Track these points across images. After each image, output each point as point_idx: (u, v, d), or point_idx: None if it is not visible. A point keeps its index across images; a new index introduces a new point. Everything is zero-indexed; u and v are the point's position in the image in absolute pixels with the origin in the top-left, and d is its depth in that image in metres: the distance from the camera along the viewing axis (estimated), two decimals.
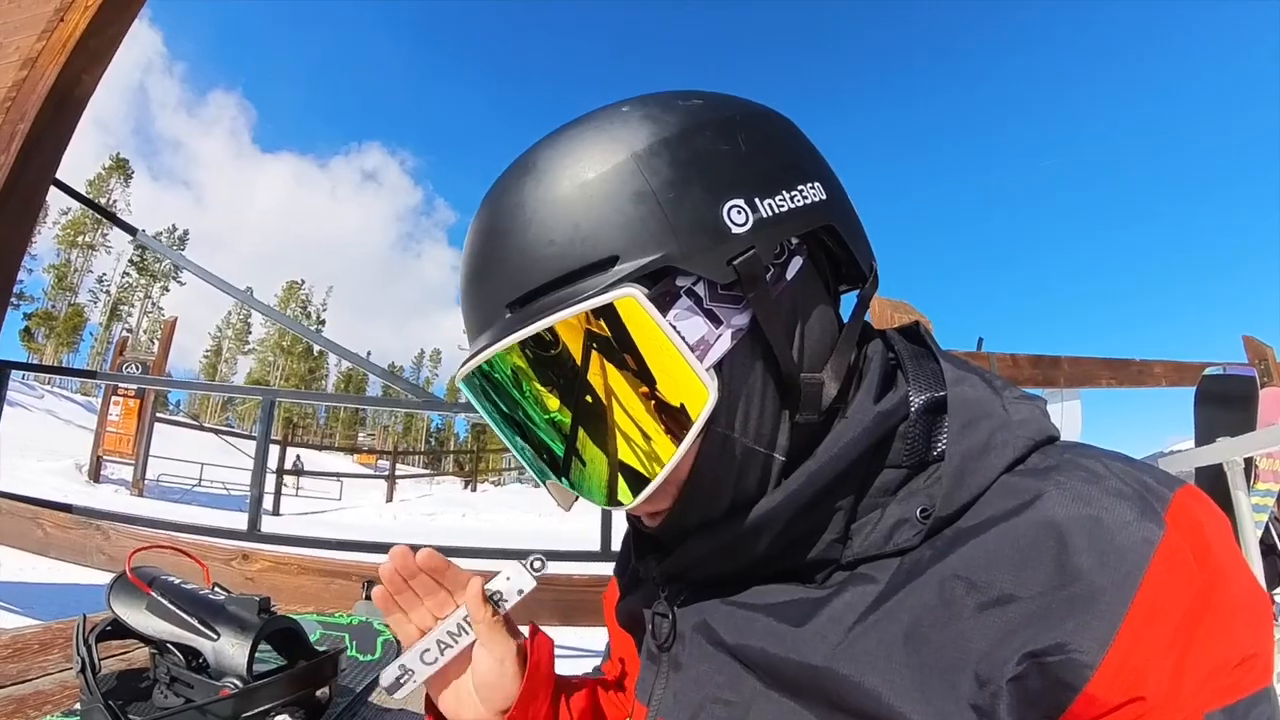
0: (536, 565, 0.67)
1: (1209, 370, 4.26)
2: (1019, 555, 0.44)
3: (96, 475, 14.04)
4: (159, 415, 16.28)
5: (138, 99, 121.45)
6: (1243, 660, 0.40)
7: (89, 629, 0.93)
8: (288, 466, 20.29)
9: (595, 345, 0.50)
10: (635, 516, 0.61)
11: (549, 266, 0.51)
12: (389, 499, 19.34)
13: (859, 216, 0.61)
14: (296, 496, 18.35)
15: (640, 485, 0.52)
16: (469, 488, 24.44)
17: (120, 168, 63.95)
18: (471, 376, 0.57)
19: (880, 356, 0.57)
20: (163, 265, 66.88)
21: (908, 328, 0.63)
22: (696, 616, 0.58)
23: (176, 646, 0.93)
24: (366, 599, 2.07)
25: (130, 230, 4.81)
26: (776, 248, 0.53)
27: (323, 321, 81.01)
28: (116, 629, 0.97)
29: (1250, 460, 2.91)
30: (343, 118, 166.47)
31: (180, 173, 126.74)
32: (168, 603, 0.95)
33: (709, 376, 0.50)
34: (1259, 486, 3.42)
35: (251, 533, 3.69)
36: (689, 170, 0.51)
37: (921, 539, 0.49)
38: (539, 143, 0.56)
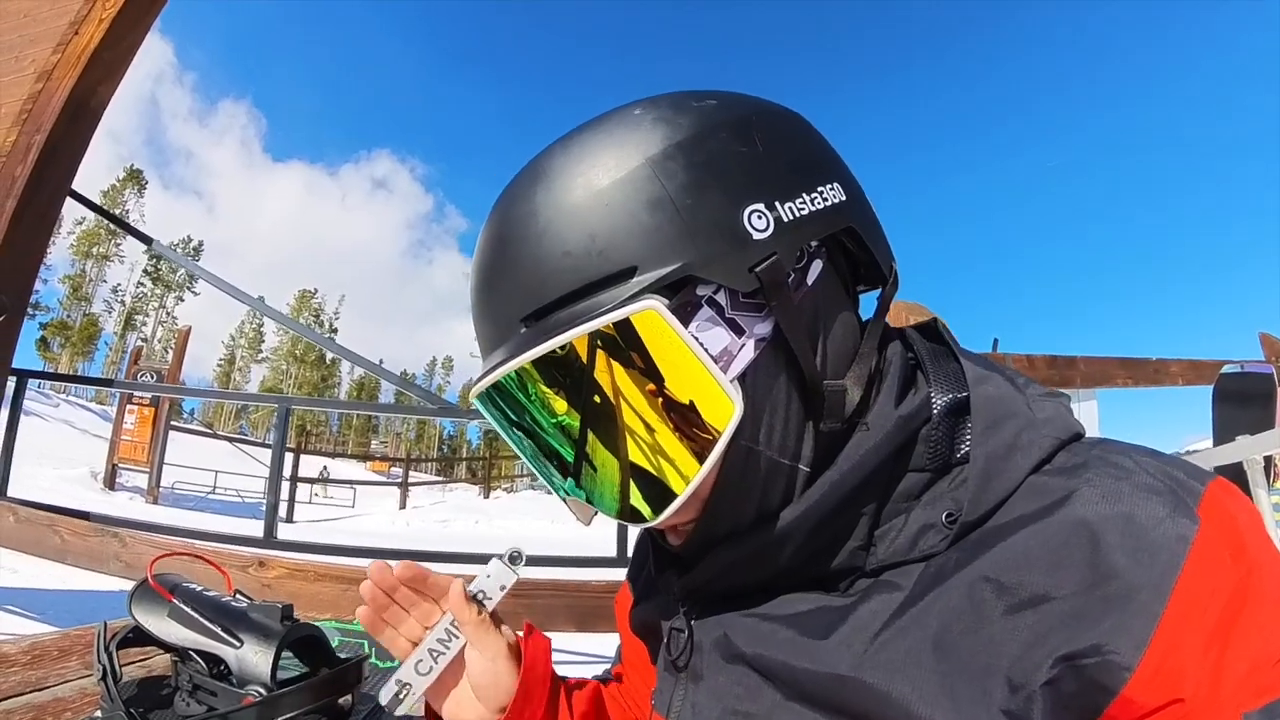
0: (515, 558, 0.67)
1: (1226, 368, 4.22)
2: (1050, 556, 0.43)
3: (111, 483, 14.13)
4: (173, 423, 16.39)
5: (149, 110, 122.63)
6: None
7: (109, 636, 0.93)
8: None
9: (616, 360, 0.49)
10: (659, 532, 0.60)
11: (565, 279, 0.50)
12: (402, 506, 19.40)
13: (877, 216, 0.59)
14: (311, 504, 18.42)
15: (664, 502, 0.51)
16: (482, 494, 24.44)
17: (134, 178, 64.56)
18: (487, 393, 0.56)
19: (900, 358, 0.56)
20: (177, 275, 67.46)
21: (926, 326, 0.62)
22: (716, 629, 0.57)
23: (199, 654, 0.93)
24: None
25: (146, 240, 4.86)
26: (798, 252, 0.52)
27: (335, 330, 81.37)
28: (138, 636, 0.98)
29: (1270, 458, 2.88)
30: (352, 125, 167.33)
31: (192, 182, 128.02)
32: (190, 610, 0.95)
33: (734, 389, 0.48)
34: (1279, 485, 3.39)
35: (268, 540, 3.71)
36: (706, 174, 0.50)
37: (948, 544, 0.48)
38: (550, 148, 0.55)
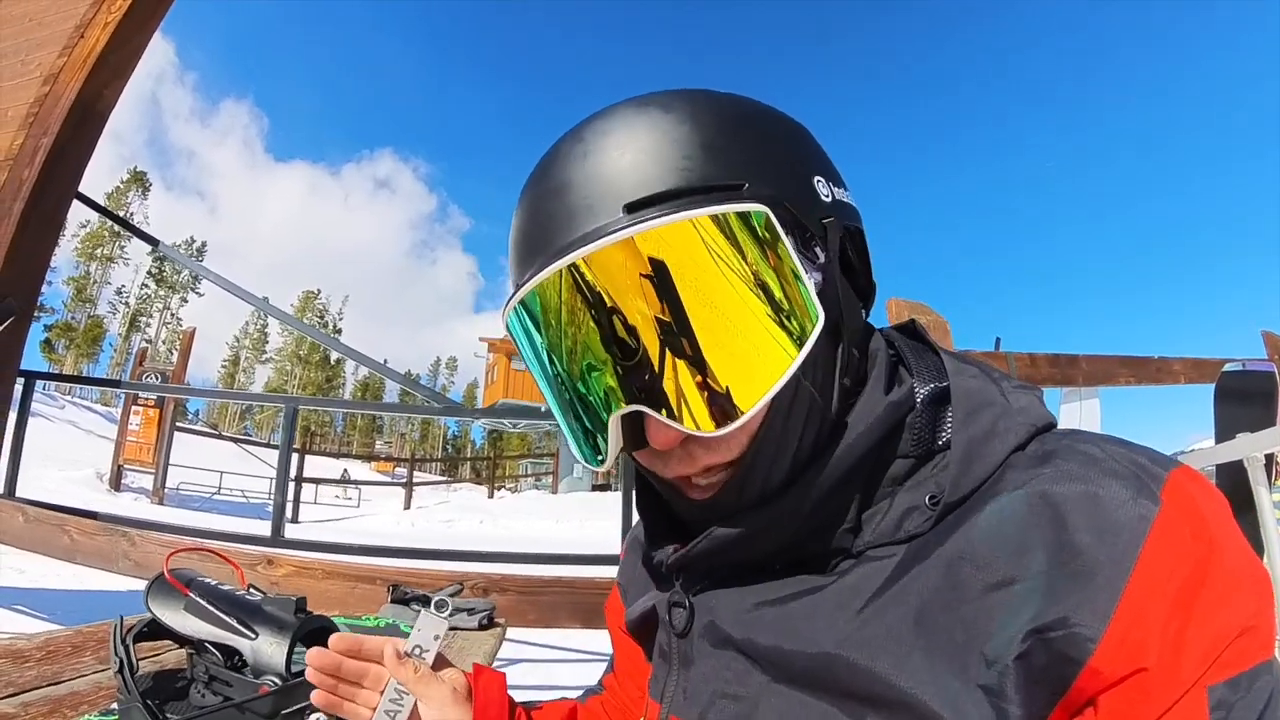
0: (440, 605, 0.71)
1: (1228, 366, 4.21)
2: (1020, 535, 0.45)
3: (117, 484, 14.17)
4: (178, 424, 16.39)
5: (151, 110, 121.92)
6: (1243, 631, 0.41)
7: (125, 630, 0.95)
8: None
9: (720, 253, 0.49)
10: (683, 482, 0.57)
11: (681, 177, 0.50)
12: (407, 506, 19.37)
13: None
14: (316, 504, 18.44)
15: (743, 403, 0.49)
16: (487, 494, 24.46)
17: (138, 180, 64.56)
18: (542, 290, 0.52)
19: (884, 352, 0.59)
20: (181, 276, 67.45)
21: (904, 325, 0.66)
22: (706, 612, 0.59)
23: (215, 646, 0.95)
24: (392, 602, 2.11)
25: (153, 242, 4.90)
26: (840, 230, 0.56)
27: (339, 330, 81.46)
28: (153, 630, 0.99)
29: (1271, 456, 2.88)
30: (354, 125, 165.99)
31: (194, 183, 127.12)
32: (206, 603, 0.96)
33: (819, 304, 0.51)
34: None
35: (275, 538, 3.74)
36: (789, 136, 0.57)
37: (931, 525, 0.51)
38: (636, 97, 0.56)
